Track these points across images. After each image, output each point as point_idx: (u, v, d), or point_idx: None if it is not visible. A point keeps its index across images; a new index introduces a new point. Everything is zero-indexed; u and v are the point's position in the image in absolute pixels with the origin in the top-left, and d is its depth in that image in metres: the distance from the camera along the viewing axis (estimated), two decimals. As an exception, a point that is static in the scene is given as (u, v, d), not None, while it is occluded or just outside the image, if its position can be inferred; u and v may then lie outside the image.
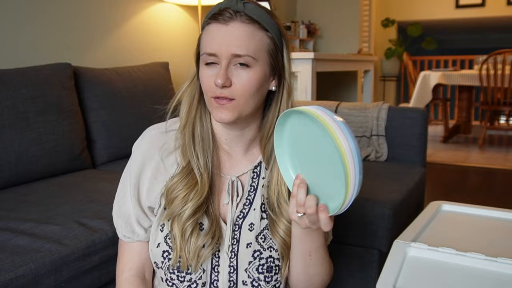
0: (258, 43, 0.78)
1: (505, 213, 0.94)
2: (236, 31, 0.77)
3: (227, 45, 0.76)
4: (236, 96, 0.79)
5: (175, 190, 0.83)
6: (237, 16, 0.77)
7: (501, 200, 2.88)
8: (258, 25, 0.78)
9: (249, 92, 0.79)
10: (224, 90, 0.78)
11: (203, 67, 0.80)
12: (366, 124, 2.10)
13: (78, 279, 1.11)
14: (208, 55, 0.78)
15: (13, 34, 1.94)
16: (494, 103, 4.47)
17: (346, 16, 4.32)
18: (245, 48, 0.76)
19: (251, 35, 0.77)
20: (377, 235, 1.48)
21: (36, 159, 1.60)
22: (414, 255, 0.75)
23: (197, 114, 0.86)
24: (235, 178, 0.88)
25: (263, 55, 0.79)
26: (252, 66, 0.78)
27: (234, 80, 0.78)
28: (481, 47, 7.01)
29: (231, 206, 0.87)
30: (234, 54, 0.77)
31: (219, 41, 0.77)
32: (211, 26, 0.79)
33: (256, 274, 0.85)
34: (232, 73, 0.78)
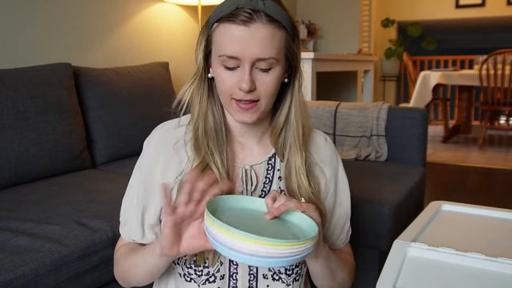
0: (279, 43, 0.76)
1: (505, 213, 0.94)
2: (258, 33, 0.73)
3: (250, 49, 0.73)
4: (259, 97, 0.78)
5: None
6: (258, 17, 0.73)
7: (501, 200, 2.88)
8: (277, 24, 0.75)
9: (270, 94, 0.79)
10: (248, 94, 0.77)
11: (222, 69, 0.78)
12: (366, 124, 2.10)
13: (78, 279, 1.11)
14: (228, 57, 0.75)
15: (13, 34, 1.94)
16: (494, 103, 4.47)
17: (346, 16, 4.32)
18: (268, 51, 0.74)
19: (273, 37, 0.75)
20: (377, 235, 1.48)
21: (36, 159, 1.60)
22: (414, 255, 0.75)
23: (209, 109, 0.85)
24: (249, 167, 0.88)
25: (282, 53, 0.78)
26: (274, 67, 0.77)
27: (257, 83, 0.77)
28: (481, 47, 7.02)
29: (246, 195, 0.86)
30: (259, 58, 0.74)
31: (241, 44, 0.74)
32: (229, 27, 0.74)
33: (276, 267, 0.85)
34: (255, 76, 0.76)
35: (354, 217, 1.49)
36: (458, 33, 8.23)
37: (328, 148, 0.94)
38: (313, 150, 0.92)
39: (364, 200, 1.52)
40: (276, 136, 0.87)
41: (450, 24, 6.98)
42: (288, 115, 0.85)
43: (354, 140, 2.14)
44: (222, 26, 0.75)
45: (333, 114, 2.16)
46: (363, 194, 1.55)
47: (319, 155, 0.92)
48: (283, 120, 0.85)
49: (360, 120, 2.12)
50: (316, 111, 2.18)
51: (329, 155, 0.93)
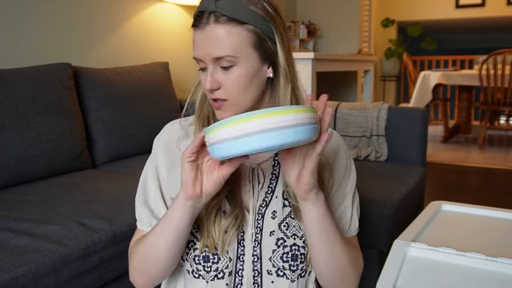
0: (236, 40, 0.76)
1: (505, 213, 0.94)
2: (211, 34, 0.76)
3: (207, 50, 0.77)
4: (228, 96, 0.79)
5: None
6: (211, 18, 0.76)
7: (501, 200, 2.88)
8: (234, 22, 0.76)
9: (239, 90, 0.79)
10: (215, 93, 0.79)
11: (200, 71, 0.82)
12: (366, 124, 2.10)
13: (78, 279, 1.11)
14: (196, 60, 0.80)
15: (13, 34, 1.94)
16: (494, 103, 4.47)
17: (346, 16, 4.32)
18: (223, 49, 0.76)
19: (226, 35, 0.76)
20: (377, 235, 1.48)
21: (36, 159, 1.60)
22: (414, 255, 0.75)
23: (210, 112, 0.88)
24: (256, 165, 0.88)
25: (245, 50, 0.77)
26: (236, 64, 0.77)
27: (222, 82, 0.78)
28: (481, 47, 7.02)
29: (252, 194, 0.87)
30: (215, 58, 0.77)
31: (200, 47, 0.78)
32: (194, 32, 0.79)
33: (280, 263, 0.84)
34: (219, 75, 0.78)
35: (354, 217, 1.50)
36: (458, 33, 8.24)
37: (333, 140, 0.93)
38: None
39: (364, 200, 1.51)
40: None
41: (450, 24, 6.99)
42: None
43: (354, 140, 2.14)
44: (194, 31, 0.80)
45: (333, 114, 2.16)
46: (363, 194, 1.55)
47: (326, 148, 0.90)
48: None
49: (360, 120, 2.12)
50: (316, 111, 2.18)
51: (335, 148, 0.93)
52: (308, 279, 0.89)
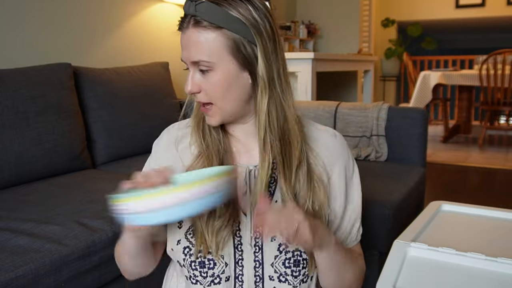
0: (212, 45, 0.75)
1: (505, 213, 0.94)
2: (190, 38, 0.77)
3: (187, 54, 0.78)
4: (211, 100, 0.79)
5: None
6: (191, 21, 0.77)
7: (501, 200, 2.88)
8: (211, 27, 0.75)
9: (219, 94, 0.79)
10: (197, 96, 0.80)
11: None
12: (366, 124, 2.10)
13: (78, 279, 1.11)
14: (183, 62, 0.81)
15: (13, 34, 1.94)
16: (494, 103, 4.47)
17: (346, 16, 4.32)
18: (198, 54, 0.76)
19: (202, 40, 0.76)
20: (377, 235, 1.48)
21: (36, 159, 1.60)
22: (414, 255, 0.75)
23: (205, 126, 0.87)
24: (253, 167, 0.87)
25: (222, 56, 0.76)
26: (212, 69, 0.77)
27: (201, 85, 0.79)
28: (481, 47, 7.02)
29: (249, 196, 0.86)
30: (192, 62, 0.77)
31: (183, 49, 0.79)
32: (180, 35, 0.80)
33: (282, 268, 0.83)
34: (198, 78, 0.79)
35: (354, 217, 1.50)
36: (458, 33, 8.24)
37: (338, 145, 0.91)
38: (318, 149, 0.89)
39: (364, 200, 1.51)
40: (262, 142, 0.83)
41: (450, 24, 6.99)
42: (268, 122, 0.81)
43: (354, 140, 2.14)
44: None
45: (333, 114, 2.16)
46: (363, 194, 1.55)
47: (326, 155, 0.89)
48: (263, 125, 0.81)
49: (360, 120, 2.12)
50: (316, 111, 2.18)
51: (338, 153, 0.91)
52: (310, 284, 0.88)
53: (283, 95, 0.82)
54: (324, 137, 0.91)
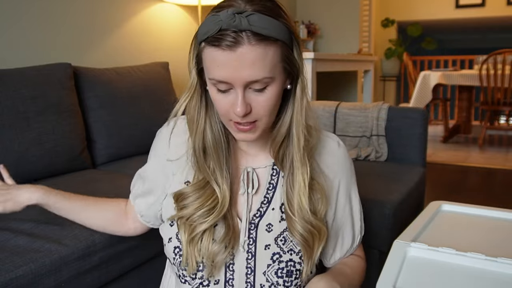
0: (272, 60, 0.70)
1: (505, 213, 0.94)
2: (246, 57, 0.67)
3: (240, 73, 0.69)
4: (257, 118, 0.74)
5: (186, 199, 0.81)
6: (244, 37, 0.67)
7: (501, 200, 2.88)
8: (268, 41, 0.68)
9: (270, 111, 0.75)
10: (244, 118, 0.73)
11: (215, 91, 0.74)
12: (366, 124, 2.10)
13: (78, 279, 1.11)
14: (218, 82, 0.71)
15: (13, 34, 1.94)
16: (494, 103, 4.47)
17: (346, 16, 4.32)
18: (260, 72, 0.69)
19: (264, 56, 0.68)
20: (377, 235, 1.48)
21: (36, 159, 1.60)
22: (414, 255, 0.75)
23: (207, 124, 0.81)
24: (251, 169, 0.85)
25: (278, 68, 0.72)
26: (270, 85, 0.72)
27: (254, 105, 0.73)
28: (481, 47, 7.02)
29: (246, 197, 0.84)
30: (250, 81, 0.70)
31: (229, 70, 0.69)
32: (215, 52, 0.69)
33: (275, 278, 0.81)
34: (250, 97, 0.72)
35: (354, 217, 1.50)
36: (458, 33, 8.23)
37: (341, 156, 0.90)
38: (323, 158, 0.88)
39: (364, 200, 1.51)
40: (277, 148, 0.82)
41: (450, 24, 6.98)
42: (290, 126, 0.80)
43: (354, 140, 2.14)
44: (209, 49, 0.70)
45: (333, 114, 2.16)
46: (363, 194, 1.55)
47: (329, 164, 0.88)
48: (285, 131, 0.80)
49: (360, 120, 2.12)
50: (316, 111, 2.18)
51: (341, 164, 0.90)
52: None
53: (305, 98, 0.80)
54: (330, 145, 0.90)
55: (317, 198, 0.84)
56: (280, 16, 0.71)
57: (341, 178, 0.90)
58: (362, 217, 0.96)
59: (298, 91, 0.79)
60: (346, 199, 0.92)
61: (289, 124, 0.80)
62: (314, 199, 0.83)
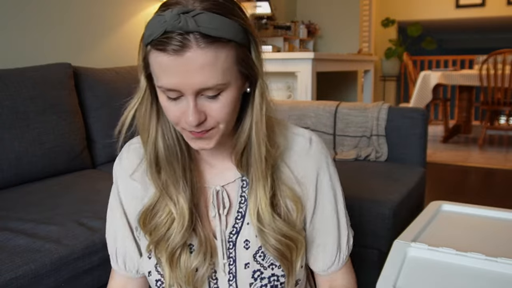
0: (224, 64, 0.63)
1: (505, 213, 0.94)
2: (195, 62, 0.60)
3: (189, 80, 0.62)
4: (213, 125, 0.68)
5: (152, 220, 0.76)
6: (191, 40, 0.60)
7: (501, 200, 2.88)
8: (219, 44, 0.61)
9: (227, 116, 0.67)
10: (198, 127, 0.66)
11: (165, 99, 0.67)
12: (366, 124, 2.10)
13: (78, 279, 1.11)
14: (167, 90, 0.65)
15: (13, 34, 1.94)
16: (494, 103, 4.47)
17: (346, 16, 4.32)
18: (212, 78, 0.62)
19: (215, 60, 0.61)
20: (377, 235, 1.48)
21: (36, 159, 1.60)
22: (414, 255, 0.75)
23: (159, 134, 0.74)
24: (220, 187, 0.79)
25: (233, 72, 0.65)
26: (224, 90, 0.65)
27: (208, 112, 0.66)
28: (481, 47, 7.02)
29: (219, 219, 0.78)
30: (201, 88, 0.63)
31: (177, 76, 0.62)
32: (161, 57, 0.62)
33: None
34: (203, 104, 0.65)
35: (354, 217, 1.50)
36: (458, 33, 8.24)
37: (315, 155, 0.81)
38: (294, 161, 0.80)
39: (364, 200, 1.51)
40: (239, 156, 0.76)
41: (450, 24, 6.99)
42: (250, 134, 0.72)
43: (354, 140, 2.14)
44: (154, 54, 0.64)
45: (333, 114, 2.16)
46: (363, 194, 1.55)
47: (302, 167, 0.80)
48: (245, 137, 0.73)
49: (360, 120, 2.12)
50: (316, 111, 2.18)
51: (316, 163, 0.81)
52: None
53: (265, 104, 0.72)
54: (300, 145, 0.80)
55: (291, 207, 0.77)
56: (234, 14, 0.64)
57: (318, 179, 0.81)
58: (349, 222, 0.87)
59: (257, 97, 0.71)
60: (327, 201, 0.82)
61: (249, 131, 0.72)
62: (288, 208, 0.77)
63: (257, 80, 0.70)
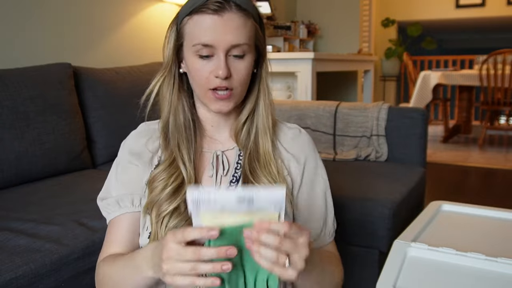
0: (250, 30, 0.79)
1: (505, 213, 0.94)
2: (231, 21, 0.76)
3: (225, 36, 0.76)
4: (234, 86, 0.80)
5: (156, 180, 0.83)
6: (228, 6, 0.77)
7: (501, 200, 2.88)
8: (247, 13, 0.79)
9: (245, 80, 0.81)
10: (224, 81, 0.78)
11: (196, 60, 0.79)
12: (366, 124, 2.10)
13: (78, 279, 1.11)
14: (203, 46, 0.77)
15: (13, 34, 1.94)
16: (494, 103, 4.47)
17: (346, 16, 4.32)
18: (242, 37, 0.77)
19: (244, 24, 0.78)
20: (377, 235, 1.48)
21: (36, 159, 1.60)
22: (414, 255, 0.75)
23: (179, 104, 0.87)
24: (220, 152, 0.88)
25: (252, 41, 0.81)
26: (247, 53, 0.80)
27: (232, 71, 0.79)
28: (481, 47, 7.02)
29: (215, 179, 0.86)
30: (233, 45, 0.77)
31: (215, 32, 0.76)
32: (202, 17, 0.77)
33: None
34: (230, 64, 0.79)
35: (354, 217, 1.50)
36: (458, 33, 8.24)
37: (305, 140, 0.93)
38: (287, 143, 0.91)
39: (364, 200, 1.52)
40: (240, 126, 0.88)
41: (450, 24, 6.99)
42: (256, 105, 0.87)
43: (354, 140, 2.14)
44: (195, 17, 0.78)
45: (333, 114, 2.16)
46: (363, 194, 1.55)
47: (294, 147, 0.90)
48: (250, 109, 0.87)
49: (360, 120, 2.12)
50: (316, 111, 2.18)
51: (302, 147, 0.91)
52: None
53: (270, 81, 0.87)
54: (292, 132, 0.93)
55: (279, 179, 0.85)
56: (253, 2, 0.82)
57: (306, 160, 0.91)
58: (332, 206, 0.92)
59: (264, 74, 0.86)
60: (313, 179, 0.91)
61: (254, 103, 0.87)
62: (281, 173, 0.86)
63: (264, 59, 0.86)
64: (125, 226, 0.86)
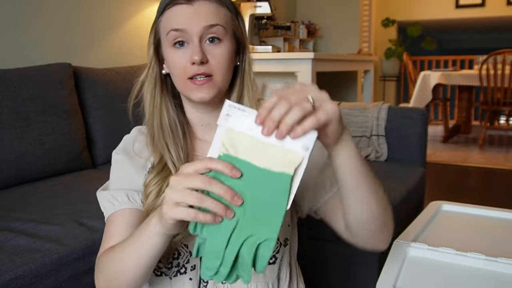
0: (224, 17, 0.79)
1: (505, 213, 0.94)
2: (202, 8, 0.77)
3: (197, 20, 0.76)
4: (213, 72, 0.78)
5: (150, 185, 0.82)
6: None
7: (501, 200, 2.88)
8: (219, 2, 0.79)
9: (224, 67, 0.79)
10: (201, 67, 0.77)
11: (171, 50, 0.79)
12: (366, 124, 2.10)
13: (78, 279, 1.11)
14: (175, 31, 0.77)
15: (13, 34, 1.94)
16: (494, 103, 4.47)
17: (346, 16, 4.32)
18: (214, 18, 0.77)
19: (217, 10, 0.78)
20: (377, 235, 1.48)
21: (36, 159, 1.60)
22: (414, 255, 0.75)
23: (162, 104, 0.86)
24: None
25: (229, 27, 0.80)
26: (223, 39, 0.78)
27: (209, 57, 0.78)
28: (481, 47, 7.03)
29: None
30: (205, 26, 0.76)
31: (187, 18, 0.76)
32: (174, 9, 0.77)
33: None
34: (205, 49, 0.78)
35: (354, 217, 1.49)
36: (458, 33, 8.24)
37: None
38: None
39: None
40: None
41: (450, 24, 6.99)
42: (241, 99, 0.85)
43: (354, 140, 2.14)
44: (167, 12, 0.79)
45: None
46: (363, 194, 1.55)
47: None
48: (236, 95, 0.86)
49: (360, 120, 2.12)
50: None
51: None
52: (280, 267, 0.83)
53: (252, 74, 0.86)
54: None
55: None
56: None
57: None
58: None
59: (246, 66, 0.85)
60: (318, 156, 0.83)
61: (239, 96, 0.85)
62: None
63: (245, 51, 0.85)
64: (126, 221, 0.85)
